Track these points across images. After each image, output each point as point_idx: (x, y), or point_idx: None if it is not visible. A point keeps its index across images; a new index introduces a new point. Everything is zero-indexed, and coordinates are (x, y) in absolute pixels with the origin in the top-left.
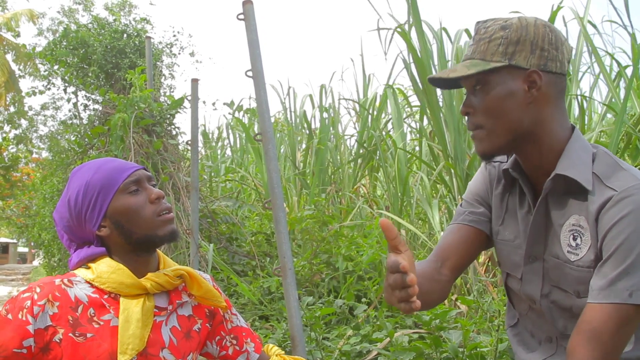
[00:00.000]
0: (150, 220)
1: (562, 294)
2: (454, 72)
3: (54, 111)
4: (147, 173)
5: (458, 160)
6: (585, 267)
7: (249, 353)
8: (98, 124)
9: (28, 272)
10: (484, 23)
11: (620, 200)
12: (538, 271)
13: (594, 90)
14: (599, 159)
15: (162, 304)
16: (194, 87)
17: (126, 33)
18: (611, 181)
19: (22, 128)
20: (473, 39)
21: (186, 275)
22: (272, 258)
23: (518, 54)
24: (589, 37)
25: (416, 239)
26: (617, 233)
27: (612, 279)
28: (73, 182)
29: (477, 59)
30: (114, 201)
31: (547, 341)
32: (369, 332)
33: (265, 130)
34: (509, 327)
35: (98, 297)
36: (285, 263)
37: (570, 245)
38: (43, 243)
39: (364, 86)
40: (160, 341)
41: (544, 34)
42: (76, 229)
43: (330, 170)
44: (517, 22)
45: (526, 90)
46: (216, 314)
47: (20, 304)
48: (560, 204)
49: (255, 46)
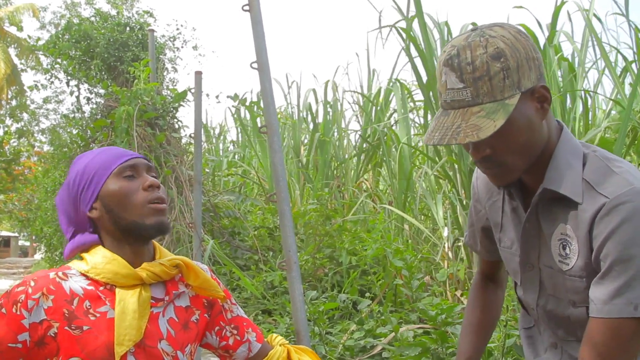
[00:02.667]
0: (140, 206)
1: (558, 303)
2: (477, 129)
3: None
4: (146, 162)
5: (462, 156)
6: (577, 276)
7: (251, 342)
8: (100, 117)
9: (29, 266)
10: (459, 58)
11: (614, 208)
12: (535, 279)
13: (598, 86)
14: (589, 163)
15: (159, 295)
16: (198, 80)
17: (129, 26)
18: (603, 187)
19: (24, 122)
20: (460, 79)
21: (182, 265)
22: (275, 252)
23: (522, 78)
24: (594, 31)
25: (420, 234)
26: (615, 243)
27: (614, 292)
28: (75, 166)
29: (487, 103)
30: (107, 183)
31: (552, 347)
32: (372, 327)
33: (270, 123)
34: (522, 329)
35: (93, 289)
36: (290, 257)
37: (561, 255)
38: (45, 236)
39: (369, 81)
40: (158, 332)
41: (526, 44)
42: (72, 212)
43: (334, 165)
44: (503, 45)
45: (538, 108)
46: (215, 304)
47: (14, 298)
48: (548, 213)
49: (260, 38)
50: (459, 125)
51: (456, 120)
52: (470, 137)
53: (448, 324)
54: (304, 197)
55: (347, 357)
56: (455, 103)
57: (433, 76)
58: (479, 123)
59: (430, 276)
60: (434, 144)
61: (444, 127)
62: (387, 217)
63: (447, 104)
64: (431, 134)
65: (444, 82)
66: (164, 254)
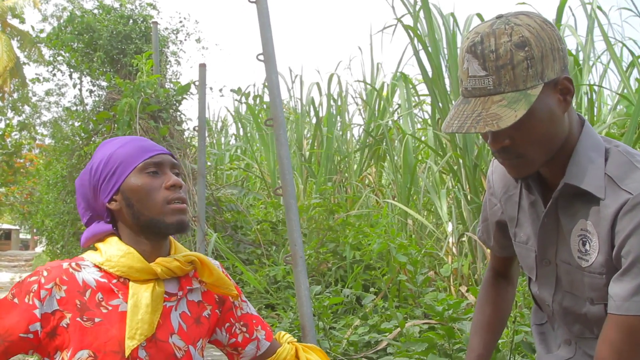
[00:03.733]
0: (160, 205)
1: (575, 300)
2: (497, 118)
3: (58, 97)
4: (172, 160)
5: (467, 151)
6: (597, 272)
7: (259, 341)
8: (103, 109)
9: (30, 259)
10: (483, 45)
11: (637, 205)
12: (551, 275)
13: (603, 80)
14: (612, 158)
15: (172, 290)
16: (202, 72)
17: (132, 18)
18: (626, 183)
19: (26, 114)
20: (482, 67)
21: (197, 262)
22: (278, 247)
23: (546, 69)
24: (600, 24)
25: (423, 229)
26: (638, 240)
27: (634, 290)
28: (100, 151)
29: (509, 92)
30: (130, 177)
31: (566, 343)
32: (377, 322)
33: (277, 115)
34: (534, 325)
35: (106, 282)
36: (296, 251)
37: (580, 251)
38: (46, 229)
39: (372, 75)
40: (170, 327)
41: (551, 34)
42: (91, 199)
43: (337, 159)
44: (528, 34)
45: (561, 100)
46: (226, 301)
47: (27, 287)
48: (569, 209)
49: (266, 29)
50: (479, 114)
51: (476, 109)
52: (490, 126)
53: (455, 320)
54: (307, 192)
55: (351, 352)
56: (477, 91)
57: (438, 70)
58: (499, 112)
59: (434, 271)
60: (453, 131)
61: (464, 115)
62: (391, 212)
63: (467, 92)
64: (450, 121)
65: (465, 69)
66: (179, 250)
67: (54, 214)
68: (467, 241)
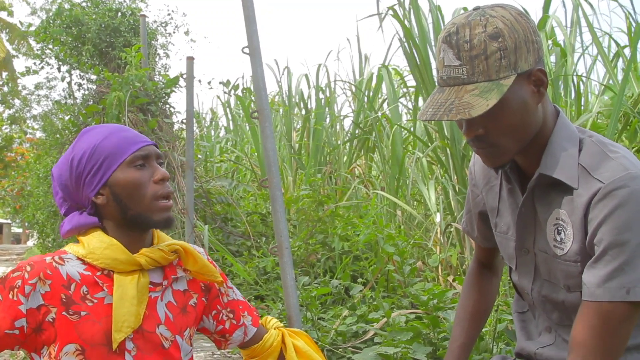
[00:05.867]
0: (149, 201)
1: (553, 288)
2: (469, 107)
3: (48, 91)
4: (157, 150)
5: (454, 140)
6: (572, 261)
7: (246, 327)
8: (92, 103)
9: (22, 253)
10: (458, 35)
11: (609, 193)
12: (530, 264)
13: (591, 71)
14: (585, 148)
15: (157, 280)
16: (190, 65)
17: (120, 11)
18: (599, 172)
19: (16, 108)
20: (457, 57)
21: (181, 250)
22: (268, 238)
23: (519, 60)
24: (586, 15)
25: (412, 220)
26: (609, 228)
27: (606, 276)
28: (81, 141)
29: (482, 82)
30: (117, 172)
31: (546, 331)
32: (365, 313)
33: (262, 108)
34: (516, 313)
35: (90, 275)
36: (281, 242)
37: (556, 240)
38: (37, 223)
39: (360, 66)
40: (156, 317)
41: (526, 26)
42: (72, 190)
43: (326, 151)
44: (502, 25)
45: (534, 91)
46: (212, 288)
47: (10, 283)
48: (544, 198)
49: (251, 22)
50: (452, 102)
51: (450, 97)
52: (462, 115)
53: (440, 309)
54: (297, 183)
55: (339, 342)
56: (451, 80)
57: (425, 60)
58: (471, 101)
59: (423, 262)
60: (427, 119)
61: (438, 103)
62: (380, 203)
63: (443, 81)
64: (425, 109)
65: (441, 58)
66: (162, 239)
67: (44, 207)
68: (455, 231)
